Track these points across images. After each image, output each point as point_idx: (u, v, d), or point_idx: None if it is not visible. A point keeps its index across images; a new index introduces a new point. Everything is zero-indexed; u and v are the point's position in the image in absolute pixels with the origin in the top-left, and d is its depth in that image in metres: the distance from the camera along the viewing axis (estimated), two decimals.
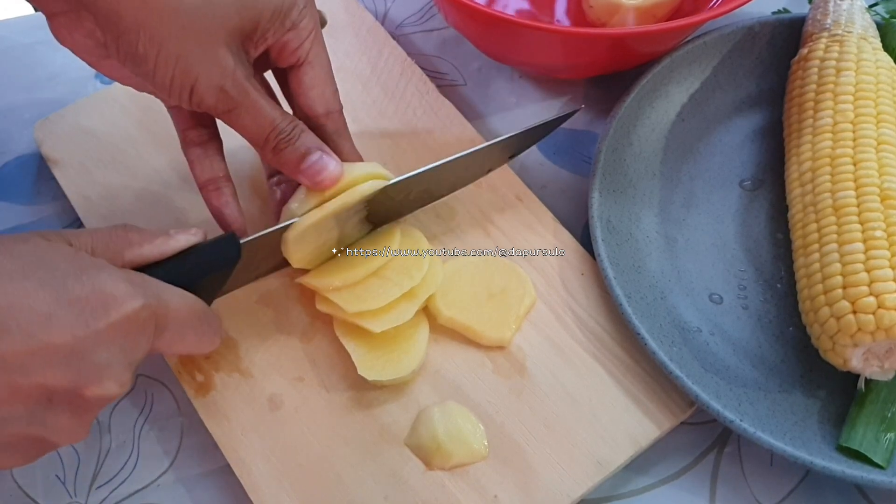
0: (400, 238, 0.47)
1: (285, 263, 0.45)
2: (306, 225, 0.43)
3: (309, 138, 0.42)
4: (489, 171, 0.50)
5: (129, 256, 0.38)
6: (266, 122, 0.41)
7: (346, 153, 0.45)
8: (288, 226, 0.43)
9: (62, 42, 0.40)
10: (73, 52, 0.41)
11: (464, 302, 0.47)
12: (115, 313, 0.33)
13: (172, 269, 0.39)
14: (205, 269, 0.40)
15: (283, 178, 0.47)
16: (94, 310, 0.33)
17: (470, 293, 0.47)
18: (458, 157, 0.46)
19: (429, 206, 0.51)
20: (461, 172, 0.49)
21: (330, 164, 0.42)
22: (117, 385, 0.34)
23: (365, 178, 0.44)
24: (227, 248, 0.41)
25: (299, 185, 0.44)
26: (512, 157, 0.50)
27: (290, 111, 0.45)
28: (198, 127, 0.45)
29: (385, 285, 0.45)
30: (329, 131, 0.44)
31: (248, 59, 0.41)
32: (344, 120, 0.45)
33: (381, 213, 0.46)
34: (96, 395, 0.33)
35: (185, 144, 0.45)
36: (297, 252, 0.43)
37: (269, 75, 0.47)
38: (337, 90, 0.45)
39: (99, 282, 0.34)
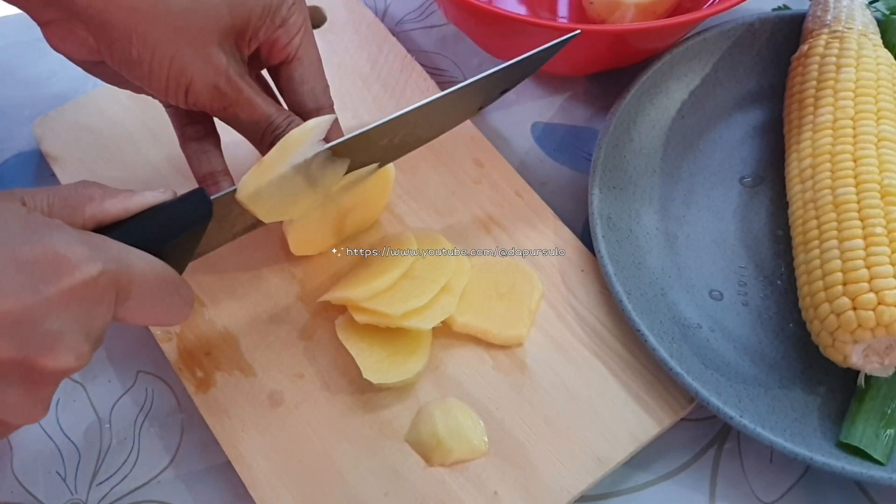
0: (417, 240, 0.47)
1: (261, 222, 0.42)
2: (256, 184, 0.40)
3: None
4: (480, 108, 0.47)
5: (90, 212, 0.35)
6: (261, 117, 0.41)
7: None
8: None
9: (55, 49, 0.40)
10: (67, 57, 0.41)
11: (475, 306, 0.47)
12: (68, 278, 0.31)
13: (137, 230, 0.36)
14: (174, 230, 0.37)
15: None
16: (44, 274, 0.30)
17: (480, 296, 0.47)
18: (446, 94, 0.43)
19: (429, 203, 0.51)
20: (450, 112, 0.46)
21: None
22: (73, 356, 0.31)
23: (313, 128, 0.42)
24: (196, 205, 0.38)
25: None
26: (503, 92, 0.46)
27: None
28: (194, 123, 0.45)
29: (420, 284, 0.45)
30: None
31: (242, 58, 0.41)
32: (332, 113, 0.45)
33: (364, 157, 0.44)
34: (50, 368, 0.31)
35: (183, 141, 0.45)
36: (260, 208, 0.41)
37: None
38: (328, 87, 0.44)
39: (51, 243, 0.31)
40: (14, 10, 0.40)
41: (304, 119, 0.43)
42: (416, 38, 0.61)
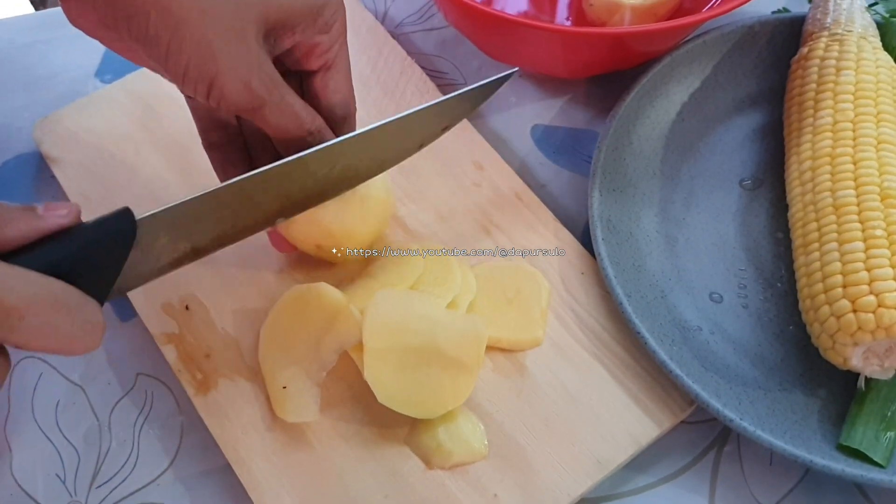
0: (424, 264, 0.47)
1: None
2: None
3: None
4: (421, 146, 0.43)
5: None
6: (294, 121, 0.38)
7: None
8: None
9: (74, 24, 0.37)
10: (85, 33, 0.38)
11: (486, 316, 0.46)
12: None
13: (48, 254, 0.32)
14: (90, 252, 0.33)
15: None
16: None
17: (489, 305, 0.47)
18: (384, 124, 0.40)
19: (429, 205, 0.51)
20: (391, 146, 0.42)
21: None
22: None
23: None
24: (119, 225, 0.34)
25: None
26: (445, 129, 0.43)
27: None
28: (219, 129, 0.43)
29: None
30: (343, 133, 0.42)
31: (271, 56, 0.38)
32: (355, 123, 0.44)
33: (302, 188, 0.40)
34: None
35: (207, 146, 0.43)
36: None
37: None
38: (353, 93, 0.43)
39: None
40: (14, 12, 0.40)
41: (328, 124, 0.42)
42: (416, 40, 0.61)
